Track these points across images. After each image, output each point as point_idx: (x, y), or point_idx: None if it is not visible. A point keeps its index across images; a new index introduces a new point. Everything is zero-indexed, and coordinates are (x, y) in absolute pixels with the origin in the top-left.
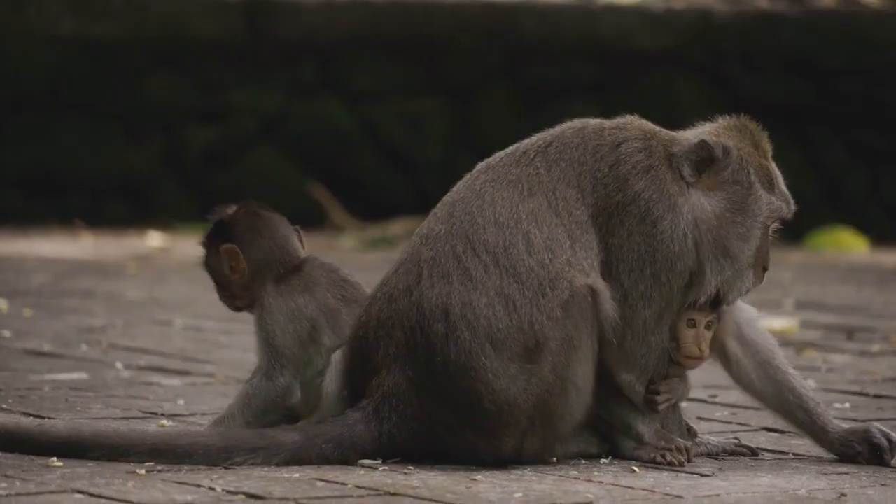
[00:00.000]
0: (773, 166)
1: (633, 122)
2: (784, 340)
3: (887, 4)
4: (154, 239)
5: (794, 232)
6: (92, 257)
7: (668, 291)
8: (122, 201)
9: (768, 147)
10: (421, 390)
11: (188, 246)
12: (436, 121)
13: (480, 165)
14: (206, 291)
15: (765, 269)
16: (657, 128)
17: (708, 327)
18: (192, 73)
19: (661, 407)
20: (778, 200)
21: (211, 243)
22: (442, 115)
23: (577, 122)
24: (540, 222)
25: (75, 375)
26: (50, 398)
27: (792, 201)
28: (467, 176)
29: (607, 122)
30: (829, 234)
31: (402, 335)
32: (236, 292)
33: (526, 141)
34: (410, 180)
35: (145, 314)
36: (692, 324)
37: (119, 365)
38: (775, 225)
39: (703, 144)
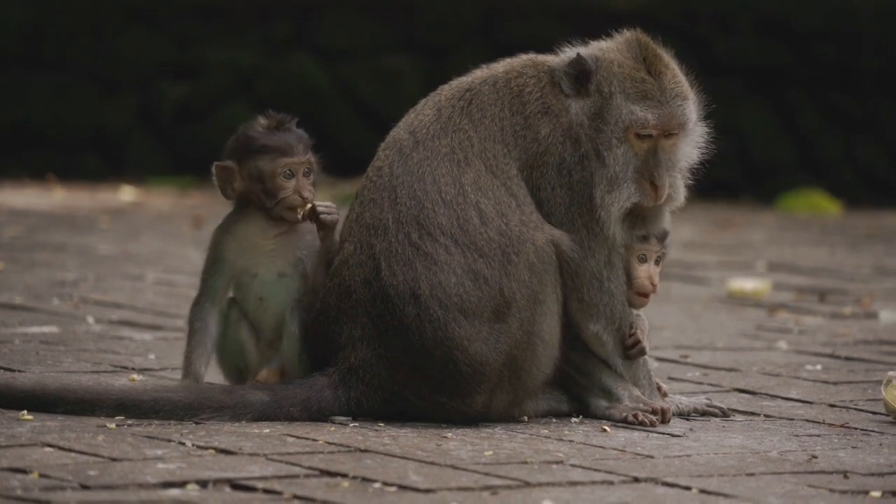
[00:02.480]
0: (661, 80)
1: (528, 63)
2: (756, 302)
3: None
4: (127, 193)
5: (766, 193)
6: (64, 211)
7: (604, 238)
8: (95, 156)
9: (658, 62)
10: (392, 364)
11: (161, 200)
12: (410, 79)
13: (406, 138)
14: (178, 246)
15: (653, 184)
16: (547, 56)
17: (657, 262)
18: (166, 29)
19: (648, 347)
20: (642, 111)
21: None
22: (416, 73)
23: (485, 72)
24: (485, 189)
25: (46, 329)
26: (20, 351)
27: (676, 117)
28: (389, 152)
29: (511, 71)
30: (802, 196)
31: (368, 321)
32: None
33: (443, 98)
34: (383, 138)
35: (117, 268)
36: (643, 258)
37: (90, 319)
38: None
39: (577, 59)
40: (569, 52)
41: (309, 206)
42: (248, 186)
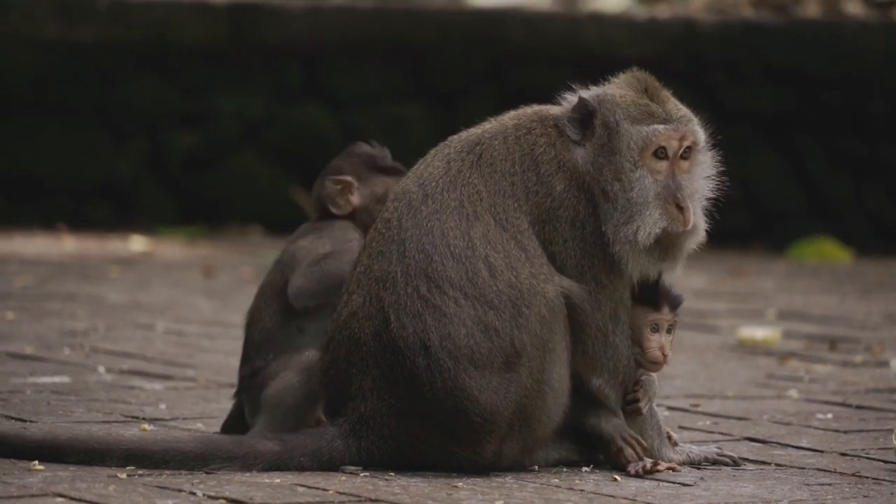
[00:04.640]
0: (665, 105)
1: (534, 118)
2: (766, 350)
3: (871, 15)
4: (137, 242)
5: (777, 240)
6: (75, 260)
7: (612, 291)
8: (105, 205)
9: (660, 92)
10: (402, 414)
11: (171, 250)
12: (419, 127)
13: (415, 191)
14: (188, 296)
15: (679, 206)
16: (552, 107)
17: (669, 331)
18: (175, 78)
19: (645, 410)
20: (650, 127)
21: None
22: (426, 120)
23: (494, 125)
24: (494, 242)
25: (57, 379)
26: (32, 401)
27: (686, 132)
28: (398, 204)
29: (520, 127)
30: (813, 243)
31: (379, 372)
32: None
33: (452, 151)
34: None
35: (128, 318)
36: (655, 328)
37: (101, 368)
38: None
39: (580, 102)
40: (570, 98)
41: None
42: (365, 202)
